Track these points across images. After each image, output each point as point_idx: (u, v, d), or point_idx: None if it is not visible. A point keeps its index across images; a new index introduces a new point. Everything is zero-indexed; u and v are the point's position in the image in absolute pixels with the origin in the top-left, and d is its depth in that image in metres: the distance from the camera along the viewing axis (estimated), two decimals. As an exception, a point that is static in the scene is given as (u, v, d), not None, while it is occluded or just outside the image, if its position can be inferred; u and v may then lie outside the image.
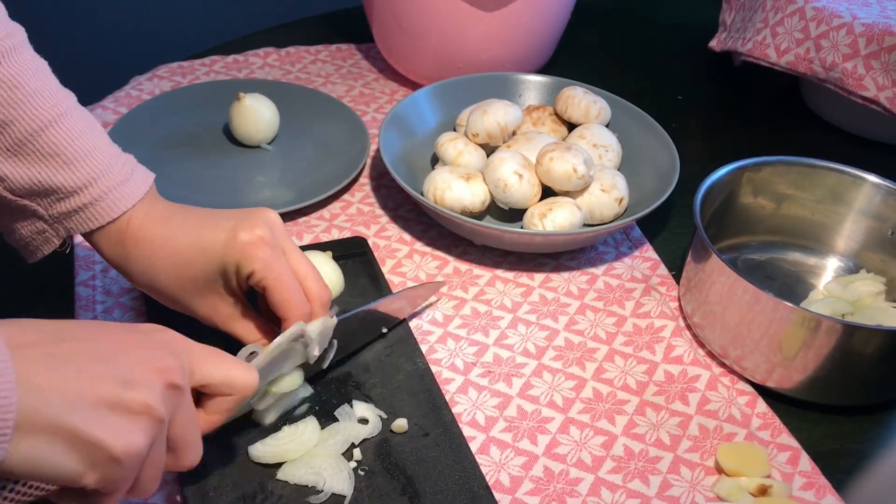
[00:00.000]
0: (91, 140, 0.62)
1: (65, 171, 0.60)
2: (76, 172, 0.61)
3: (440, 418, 0.66)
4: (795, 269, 0.83)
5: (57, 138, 0.60)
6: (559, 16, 1.04)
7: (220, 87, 1.01)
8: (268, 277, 0.61)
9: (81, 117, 0.62)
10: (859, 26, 0.94)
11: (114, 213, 0.62)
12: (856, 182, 0.81)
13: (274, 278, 0.62)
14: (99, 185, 0.61)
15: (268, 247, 0.61)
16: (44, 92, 0.60)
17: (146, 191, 0.64)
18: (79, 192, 0.61)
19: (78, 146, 0.61)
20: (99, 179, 0.61)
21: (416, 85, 1.07)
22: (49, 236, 0.63)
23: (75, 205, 0.61)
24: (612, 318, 0.78)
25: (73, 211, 0.62)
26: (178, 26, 1.70)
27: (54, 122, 0.60)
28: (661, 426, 0.69)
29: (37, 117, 0.59)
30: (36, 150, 0.60)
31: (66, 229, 0.63)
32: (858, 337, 0.67)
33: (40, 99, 0.60)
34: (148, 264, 0.63)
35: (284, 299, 0.62)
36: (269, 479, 0.61)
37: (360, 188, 0.91)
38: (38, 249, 0.64)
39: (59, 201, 0.61)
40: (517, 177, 0.81)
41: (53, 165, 0.60)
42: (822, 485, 0.65)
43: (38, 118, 0.59)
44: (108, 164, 0.62)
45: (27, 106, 0.59)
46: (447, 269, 0.82)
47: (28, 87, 0.59)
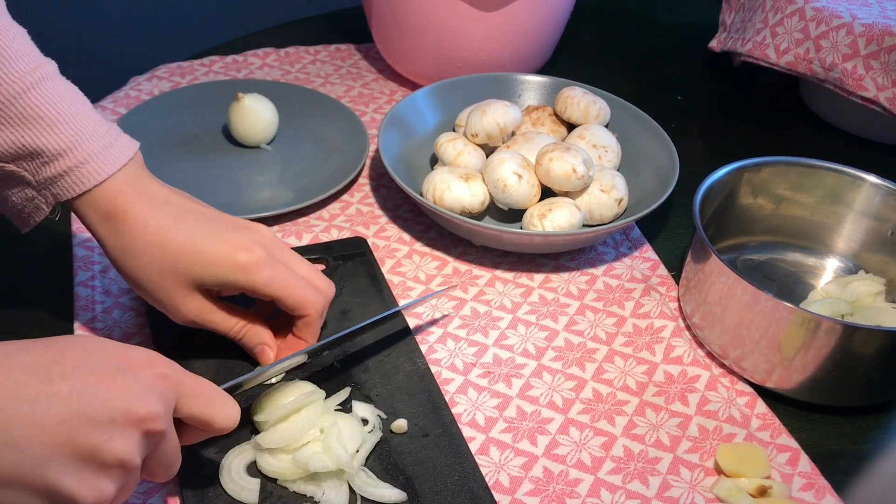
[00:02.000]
0: (73, 104, 0.62)
1: (48, 134, 0.61)
2: (59, 135, 0.61)
3: (440, 419, 0.66)
4: (795, 269, 0.83)
5: (39, 101, 0.60)
6: (559, 16, 1.04)
7: (219, 87, 1.01)
8: (274, 290, 0.64)
9: (63, 82, 0.63)
10: (859, 26, 0.94)
11: (98, 177, 0.62)
12: (855, 182, 0.81)
13: (281, 287, 0.65)
14: (83, 148, 0.62)
15: (268, 266, 0.64)
16: (24, 56, 0.61)
17: (130, 156, 0.64)
18: (63, 155, 0.61)
19: (60, 109, 0.61)
20: (83, 142, 0.62)
21: (415, 85, 1.07)
22: (38, 203, 0.63)
23: (60, 168, 0.61)
24: (612, 319, 0.78)
25: (58, 175, 0.62)
26: (177, 26, 1.70)
27: (36, 85, 0.60)
28: (661, 427, 0.69)
29: (18, 80, 0.60)
30: (18, 112, 0.60)
31: (53, 195, 0.63)
32: (858, 337, 0.67)
33: (21, 62, 0.60)
34: (132, 245, 0.63)
35: (300, 301, 0.65)
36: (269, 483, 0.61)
37: (359, 188, 0.91)
38: (29, 217, 0.64)
39: (44, 165, 0.61)
40: (516, 177, 0.81)
41: (37, 128, 0.60)
42: (821, 485, 0.65)
43: (19, 81, 0.60)
44: (91, 128, 0.62)
45: (8, 69, 0.59)
46: (446, 269, 0.82)
47: (8, 51, 0.60)
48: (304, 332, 0.68)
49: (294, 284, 0.65)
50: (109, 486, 0.48)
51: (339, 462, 0.59)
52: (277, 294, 0.65)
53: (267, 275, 0.64)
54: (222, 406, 0.56)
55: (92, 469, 0.47)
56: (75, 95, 0.63)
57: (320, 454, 0.60)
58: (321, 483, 0.60)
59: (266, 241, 0.66)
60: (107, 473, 0.48)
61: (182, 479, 0.60)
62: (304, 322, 0.67)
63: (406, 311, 0.75)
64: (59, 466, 0.46)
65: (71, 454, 0.47)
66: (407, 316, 0.76)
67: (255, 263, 0.64)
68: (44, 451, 0.46)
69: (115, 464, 0.48)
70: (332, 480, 0.60)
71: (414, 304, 0.76)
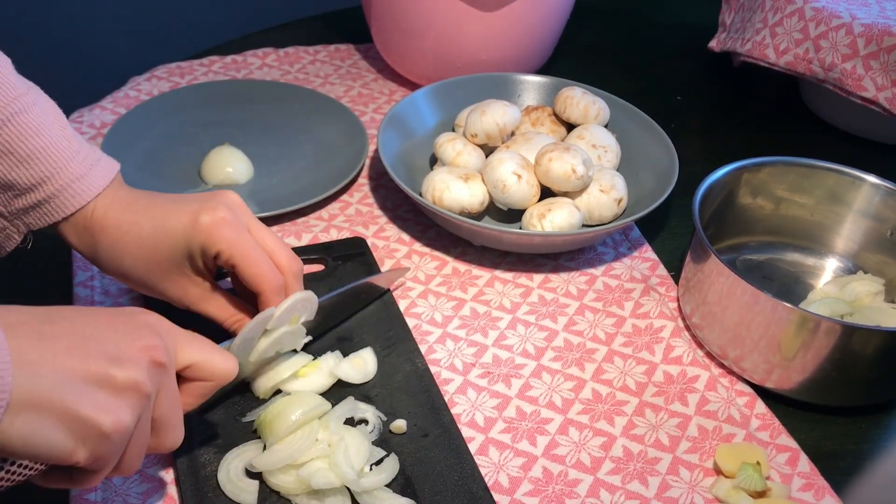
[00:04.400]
0: (47, 137, 0.62)
1: (19, 169, 0.61)
2: (31, 170, 0.61)
3: (439, 419, 0.66)
4: (794, 269, 0.83)
5: (10, 137, 0.61)
6: (558, 16, 1.04)
7: (218, 87, 1.01)
8: (234, 255, 0.62)
9: (40, 113, 0.63)
10: (858, 27, 0.94)
11: (70, 209, 0.63)
12: (855, 182, 0.81)
13: (240, 255, 0.63)
14: (55, 182, 0.62)
15: (230, 227, 0.63)
16: (1, 88, 0.61)
17: (105, 185, 0.64)
18: (35, 189, 0.62)
19: (32, 144, 0.61)
20: (55, 176, 0.62)
21: (414, 85, 1.07)
22: (10, 232, 0.64)
23: (32, 201, 0.62)
24: (612, 319, 0.78)
25: (30, 207, 0.63)
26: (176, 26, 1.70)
27: (8, 121, 0.61)
28: (660, 427, 0.69)
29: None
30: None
31: (25, 224, 0.64)
32: (857, 338, 0.67)
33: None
34: (114, 250, 0.64)
35: (255, 273, 0.63)
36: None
37: (358, 188, 0.91)
38: (1, 246, 0.65)
39: (17, 198, 0.62)
40: (516, 177, 0.81)
41: (8, 163, 0.61)
42: (820, 486, 0.65)
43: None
44: (64, 161, 0.63)
45: None
46: (446, 269, 0.82)
47: None
48: None
49: (252, 255, 0.63)
50: (126, 411, 0.48)
51: (344, 480, 0.59)
52: (236, 260, 0.62)
53: (228, 235, 0.62)
54: (217, 354, 0.57)
55: (107, 392, 0.48)
56: (50, 125, 0.63)
57: (325, 470, 0.59)
58: (325, 500, 0.59)
59: (231, 204, 0.64)
60: (122, 397, 0.49)
61: (181, 480, 0.60)
62: (261, 300, 0.64)
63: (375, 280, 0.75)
64: (75, 390, 0.47)
65: (84, 378, 0.47)
66: (406, 316, 0.76)
67: (218, 222, 0.62)
68: (58, 374, 0.46)
69: (128, 386, 0.49)
70: (336, 497, 0.60)
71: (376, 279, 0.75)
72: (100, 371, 0.48)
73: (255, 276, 0.63)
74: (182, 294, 0.65)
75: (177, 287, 0.65)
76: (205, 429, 0.64)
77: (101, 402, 0.47)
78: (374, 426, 0.65)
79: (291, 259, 0.66)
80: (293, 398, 0.64)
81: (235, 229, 0.63)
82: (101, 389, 0.48)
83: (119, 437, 0.48)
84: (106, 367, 0.48)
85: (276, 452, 0.60)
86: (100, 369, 0.48)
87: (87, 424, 0.47)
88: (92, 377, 0.48)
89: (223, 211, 0.63)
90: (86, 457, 0.48)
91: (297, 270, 0.66)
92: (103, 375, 0.48)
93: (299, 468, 0.59)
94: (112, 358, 0.49)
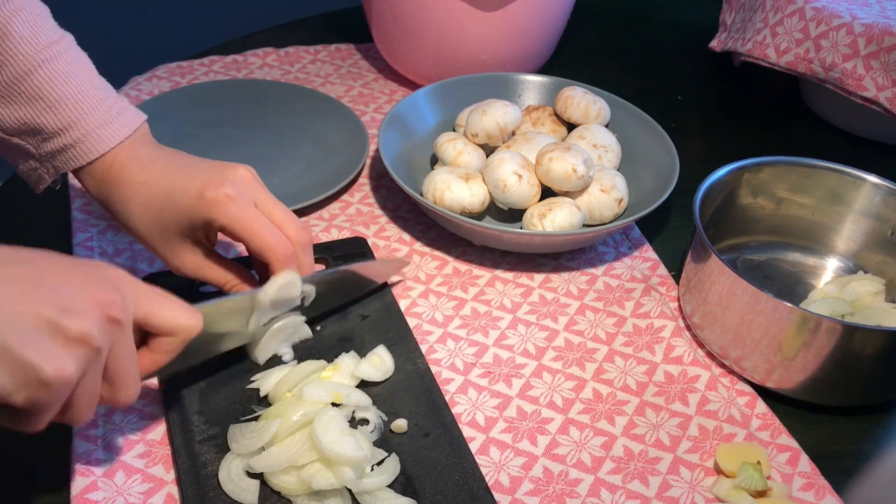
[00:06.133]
0: (75, 84, 0.66)
1: (48, 113, 0.65)
2: (58, 114, 0.65)
3: (440, 419, 0.66)
4: (795, 269, 0.83)
5: (41, 82, 0.64)
6: (559, 16, 1.04)
7: (219, 87, 1.01)
8: (237, 229, 0.64)
9: (70, 62, 0.66)
10: (859, 26, 0.94)
11: (93, 154, 0.66)
12: (856, 182, 0.81)
13: (244, 228, 0.64)
14: (80, 127, 0.65)
15: (234, 203, 0.64)
16: (32, 38, 0.64)
17: (128, 134, 0.67)
18: (62, 133, 0.65)
19: (60, 90, 0.65)
20: (80, 121, 0.65)
21: (415, 85, 1.07)
22: (41, 174, 0.68)
23: (59, 145, 0.66)
24: (612, 319, 0.78)
25: (57, 150, 0.66)
26: (177, 26, 1.70)
27: (40, 66, 0.64)
28: (661, 427, 0.69)
29: (22, 62, 0.64)
30: (22, 92, 0.64)
31: (54, 168, 0.67)
32: (858, 337, 0.67)
33: (27, 45, 0.64)
34: (124, 206, 0.67)
35: (262, 245, 0.65)
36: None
37: (359, 188, 0.91)
38: (35, 184, 0.69)
39: (45, 141, 0.66)
40: (516, 177, 0.81)
41: (37, 108, 0.65)
42: (821, 485, 0.65)
43: (23, 63, 0.64)
44: (90, 107, 0.66)
45: (14, 51, 0.63)
46: (447, 269, 0.82)
47: (16, 34, 0.64)
48: None
49: (260, 227, 0.64)
50: (71, 362, 0.49)
51: (344, 481, 0.59)
52: (241, 234, 0.64)
53: (233, 212, 0.64)
54: (181, 308, 0.58)
55: (55, 341, 0.48)
56: (81, 72, 0.66)
57: (325, 471, 0.59)
58: (325, 500, 0.59)
59: (239, 180, 0.65)
60: (69, 349, 0.49)
61: (182, 479, 0.60)
62: (271, 271, 0.66)
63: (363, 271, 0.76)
64: (21, 336, 0.47)
65: (33, 324, 0.47)
66: (407, 316, 0.76)
67: (222, 199, 0.64)
68: (8, 318, 0.47)
69: (77, 337, 0.49)
70: (336, 498, 0.59)
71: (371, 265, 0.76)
72: (50, 319, 0.48)
73: (261, 248, 0.65)
74: (180, 260, 0.67)
75: (176, 252, 0.67)
76: (208, 428, 0.64)
77: (46, 349, 0.48)
78: (374, 426, 0.65)
79: (300, 230, 0.67)
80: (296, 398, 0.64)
81: (239, 205, 0.64)
82: (49, 338, 0.48)
83: (60, 386, 0.48)
84: (57, 315, 0.48)
85: (277, 454, 0.60)
86: (50, 317, 0.48)
87: (28, 369, 0.47)
88: (42, 324, 0.48)
89: (228, 187, 0.64)
90: (23, 400, 0.48)
91: (305, 241, 0.67)
92: (53, 324, 0.48)
93: (300, 469, 0.59)
94: (64, 308, 0.49)
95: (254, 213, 0.65)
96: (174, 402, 0.66)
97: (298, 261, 0.67)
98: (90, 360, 0.50)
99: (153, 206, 0.65)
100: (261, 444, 0.61)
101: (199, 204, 0.64)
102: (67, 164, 0.66)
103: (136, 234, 0.68)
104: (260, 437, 0.61)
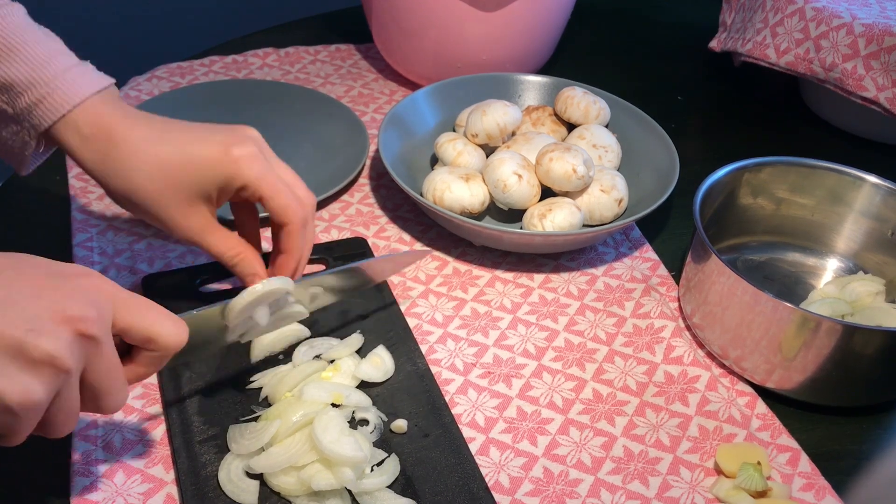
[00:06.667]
0: (41, 38, 0.63)
1: (15, 64, 0.61)
2: (27, 64, 0.61)
3: (440, 419, 0.66)
4: (795, 269, 0.83)
5: (3, 32, 0.61)
6: (559, 16, 1.04)
7: (219, 87, 1.01)
8: (262, 187, 0.64)
9: (31, 22, 0.64)
10: (859, 27, 0.94)
11: (71, 101, 0.62)
12: (856, 182, 0.81)
13: (268, 187, 0.64)
14: (50, 77, 0.62)
15: (259, 160, 0.64)
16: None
17: (102, 86, 0.64)
18: (33, 85, 0.62)
19: (26, 39, 0.62)
20: (49, 70, 0.62)
21: (415, 85, 1.07)
22: (24, 137, 0.64)
23: (32, 98, 0.62)
24: (612, 319, 0.78)
25: (32, 104, 0.62)
26: (176, 26, 1.70)
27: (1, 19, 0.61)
28: (661, 427, 0.69)
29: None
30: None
31: (32, 126, 0.63)
32: (858, 338, 0.66)
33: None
34: (125, 165, 0.63)
35: (283, 205, 0.65)
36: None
37: (359, 188, 0.91)
38: (20, 153, 0.65)
39: (18, 96, 0.62)
40: (516, 177, 0.81)
41: (5, 60, 0.61)
42: (821, 486, 0.65)
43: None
44: (60, 59, 0.63)
45: None
46: (447, 269, 0.82)
47: None
48: (288, 244, 0.66)
49: (280, 186, 0.65)
50: (38, 386, 0.46)
51: (344, 482, 0.59)
52: (265, 192, 0.64)
53: (258, 169, 0.64)
54: (164, 320, 0.54)
55: (19, 365, 0.46)
56: (46, 33, 0.64)
57: (325, 472, 0.59)
58: (325, 501, 0.59)
59: (255, 139, 0.66)
60: (35, 372, 0.46)
61: (182, 480, 0.60)
62: (287, 231, 0.66)
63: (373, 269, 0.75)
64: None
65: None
66: (407, 316, 0.76)
67: (249, 156, 0.64)
68: None
69: (43, 360, 0.46)
70: (336, 499, 0.59)
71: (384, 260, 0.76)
72: (14, 341, 0.46)
73: (284, 206, 0.65)
74: (188, 223, 0.65)
75: (183, 215, 0.65)
76: (207, 428, 0.64)
77: (11, 375, 0.46)
78: (374, 426, 0.65)
79: (308, 193, 0.68)
80: (296, 399, 0.64)
81: (263, 163, 0.65)
82: (13, 361, 0.46)
83: (27, 412, 0.47)
84: (22, 336, 0.46)
85: (277, 454, 0.60)
86: (14, 339, 0.46)
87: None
88: (6, 346, 0.46)
89: (251, 145, 0.64)
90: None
91: (313, 203, 0.68)
92: (17, 346, 0.46)
93: (300, 470, 0.59)
94: (31, 328, 0.46)
95: (274, 172, 0.65)
96: (174, 403, 0.66)
97: (307, 223, 0.67)
98: (59, 380, 0.48)
99: (167, 165, 0.63)
100: (260, 444, 0.61)
101: (224, 160, 0.63)
102: (45, 118, 0.62)
103: (137, 197, 0.63)
104: (260, 437, 0.61)
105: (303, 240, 0.67)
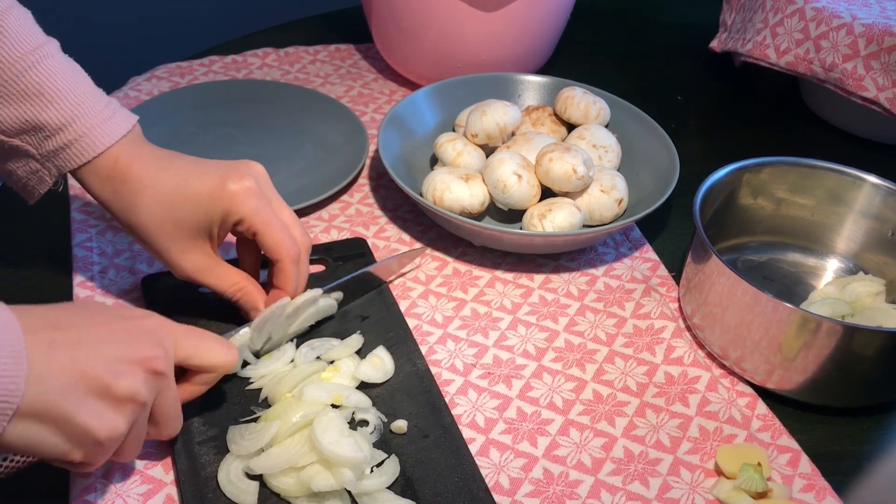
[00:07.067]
0: (73, 80, 0.65)
1: (49, 109, 0.64)
2: (60, 109, 0.64)
3: (440, 420, 0.66)
4: (795, 269, 0.83)
5: (40, 78, 0.63)
6: (559, 16, 1.04)
7: (218, 87, 1.01)
8: (255, 223, 0.66)
9: (63, 61, 0.66)
10: (859, 27, 0.94)
11: (97, 149, 0.65)
12: (856, 183, 0.81)
13: (263, 222, 0.66)
14: (83, 122, 0.65)
15: (255, 196, 0.66)
16: (27, 36, 0.64)
17: (128, 129, 0.67)
18: (64, 129, 0.64)
19: (61, 85, 0.64)
20: (82, 116, 0.65)
21: (415, 85, 1.07)
22: (42, 175, 0.67)
23: (62, 141, 0.64)
24: (612, 320, 0.78)
25: (60, 148, 0.65)
26: (176, 27, 1.70)
27: (38, 63, 0.64)
28: (661, 428, 0.68)
29: (21, 59, 0.63)
30: (21, 89, 0.63)
31: (56, 167, 0.66)
32: (858, 338, 0.66)
33: (23, 42, 0.63)
34: (132, 202, 0.66)
35: (276, 241, 0.67)
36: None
37: (359, 189, 0.91)
38: (34, 189, 0.68)
39: (47, 139, 0.64)
40: (516, 177, 0.81)
41: (39, 104, 0.64)
42: (822, 487, 0.65)
43: (21, 59, 0.63)
44: (91, 103, 0.65)
45: (11, 48, 0.63)
46: (447, 269, 0.82)
47: (11, 31, 0.63)
48: (280, 280, 0.68)
49: (274, 223, 0.66)
50: (122, 421, 0.53)
51: (344, 482, 0.59)
52: (257, 227, 0.66)
53: (253, 204, 0.65)
54: (218, 347, 0.60)
55: (105, 404, 0.52)
56: (76, 72, 0.66)
57: (325, 473, 0.59)
58: (324, 502, 0.59)
59: (258, 175, 0.68)
60: (119, 409, 0.53)
61: (181, 480, 0.60)
62: (278, 268, 0.68)
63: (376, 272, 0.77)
64: (76, 400, 0.50)
65: (86, 389, 0.51)
66: (407, 317, 0.76)
67: (245, 191, 0.65)
68: (63, 385, 0.50)
69: (126, 398, 0.52)
70: (336, 500, 0.59)
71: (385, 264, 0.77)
72: (100, 383, 0.51)
73: (277, 243, 0.66)
74: (185, 259, 0.67)
75: (181, 250, 0.67)
76: (207, 429, 0.64)
77: (98, 412, 0.51)
78: (374, 427, 0.65)
79: (304, 235, 0.70)
80: (296, 400, 0.64)
81: (259, 199, 0.66)
82: (99, 400, 0.52)
83: (112, 443, 0.53)
84: (106, 378, 0.52)
85: (276, 455, 0.60)
86: (100, 381, 0.51)
87: (83, 432, 0.51)
88: (92, 388, 0.51)
89: (249, 180, 0.66)
90: (80, 458, 0.52)
91: (308, 246, 0.70)
92: (103, 387, 0.52)
93: (300, 471, 0.59)
94: (112, 370, 0.52)
95: (270, 209, 0.67)
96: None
97: (301, 262, 0.69)
98: (137, 413, 0.54)
99: (165, 199, 0.65)
100: (260, 445, 0.61)
101: (220, 194, 0.65)
102: (71, 161, 0.65)
103: (141, 232, 0.67)
104: (259, 438, 0.61)
105: (295, 276, 0.68)
